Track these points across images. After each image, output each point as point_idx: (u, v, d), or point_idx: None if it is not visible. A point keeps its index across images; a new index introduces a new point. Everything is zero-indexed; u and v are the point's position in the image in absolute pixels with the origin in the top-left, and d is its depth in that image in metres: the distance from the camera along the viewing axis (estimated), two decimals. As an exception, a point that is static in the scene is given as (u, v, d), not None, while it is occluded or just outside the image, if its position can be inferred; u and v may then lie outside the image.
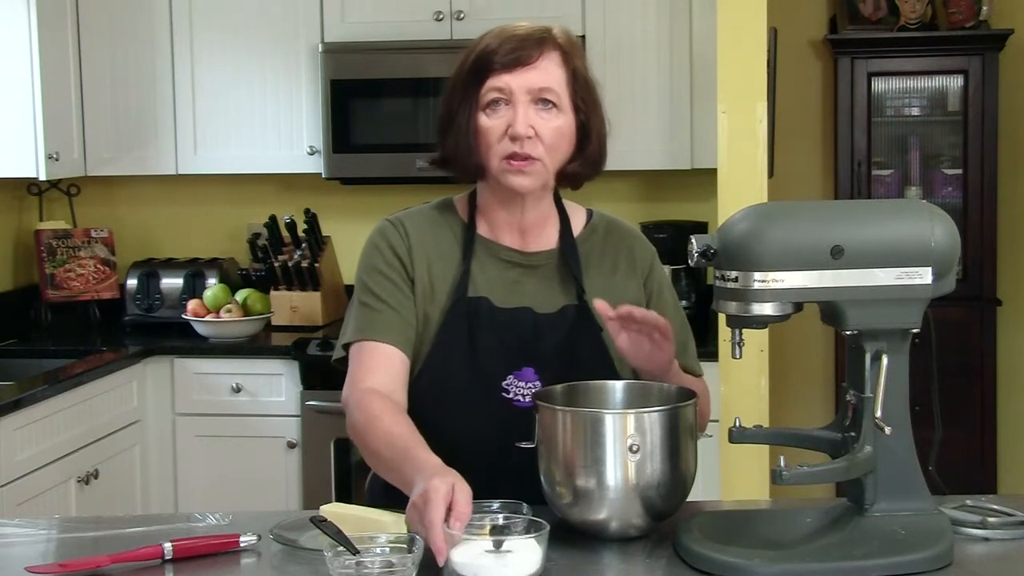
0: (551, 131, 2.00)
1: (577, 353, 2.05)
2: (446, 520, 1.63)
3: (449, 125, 2.05)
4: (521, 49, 1.98)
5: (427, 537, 1.64)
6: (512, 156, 1.99)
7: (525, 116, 1.98)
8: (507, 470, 1.90)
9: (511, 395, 2.03)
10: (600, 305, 1.93)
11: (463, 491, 1.67)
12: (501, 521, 1.73)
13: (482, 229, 2.11)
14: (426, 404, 2.03)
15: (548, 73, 1.99)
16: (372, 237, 2.12)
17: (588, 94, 2.04)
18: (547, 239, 2.12)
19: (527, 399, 2.00)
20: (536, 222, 2.11)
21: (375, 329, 2.03)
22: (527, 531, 1.70)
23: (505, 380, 2.03)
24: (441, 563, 1.62)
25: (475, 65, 2.01)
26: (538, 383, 2.02)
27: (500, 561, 1.64)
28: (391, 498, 2.07)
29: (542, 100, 1.99)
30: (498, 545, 1.65)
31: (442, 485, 1.67)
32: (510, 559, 1.64)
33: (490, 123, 2.00)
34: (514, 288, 2.08)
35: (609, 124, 2.09)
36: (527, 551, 1.66)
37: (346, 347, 2.07)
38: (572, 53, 2.03)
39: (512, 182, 2.01)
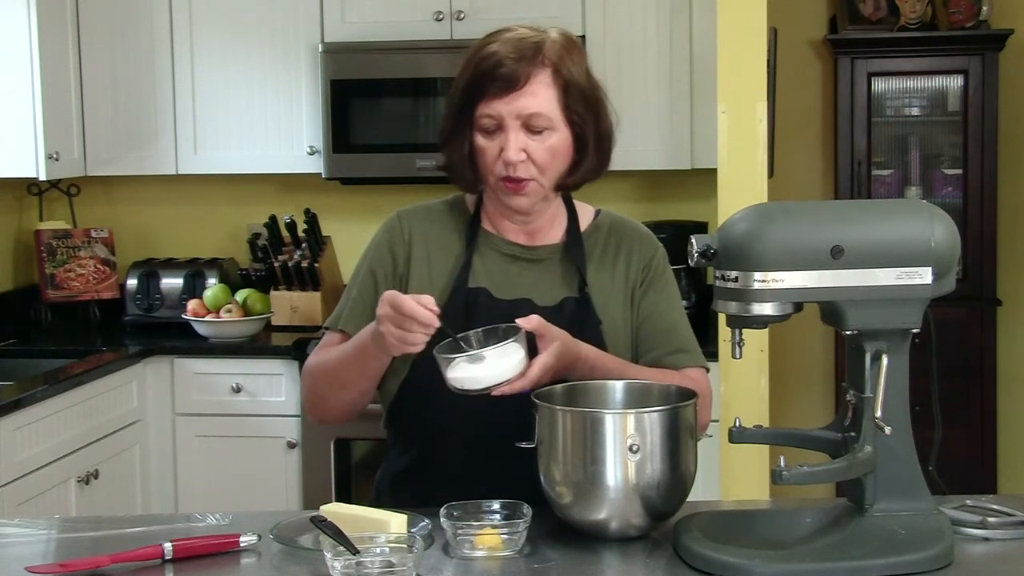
0: (544, 152, 2.00)
1: None
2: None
3: (448, 139, 2.07)
4: (510, 74, 1.97)
5: (411, 319, 1.82)
6: (507, 179, 2.01)
7: (516, 141, 1.99)
8: (500, 458, 1.90)
9: None
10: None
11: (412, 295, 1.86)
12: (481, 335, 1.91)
13: (487, 224, 2.14)
14: (421, 391, 2.04)
15: (538, 97, 1.98)
16: (377, 230, 2.18)
17: (584, 104, 2.02)
18: (553, 235, 2.14)
19: None
20: (542, 225, 2.13)
21: (344, 320, 2.12)
22: (504, 339, 1.87)
23: None
24: (436, 323, 1.83)
25: (467, 88, 2.02)
26: None
27: (484, 366, 1.85)
28: (397, 497, 2.08)
29: (533, 124, 1.99)
30: (479, 357, 1.85)
31: (388, 297, 1.85)
32: (494, 364, 1.85)
33: (486, 144, 2.02)
34: (514, 280, 2.09)
35: (616, 116, 2.09)
36: (508, 356, 1.86)
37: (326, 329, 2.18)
38: (565, 65, 2.00)
39: (509, 203, 2.05)
